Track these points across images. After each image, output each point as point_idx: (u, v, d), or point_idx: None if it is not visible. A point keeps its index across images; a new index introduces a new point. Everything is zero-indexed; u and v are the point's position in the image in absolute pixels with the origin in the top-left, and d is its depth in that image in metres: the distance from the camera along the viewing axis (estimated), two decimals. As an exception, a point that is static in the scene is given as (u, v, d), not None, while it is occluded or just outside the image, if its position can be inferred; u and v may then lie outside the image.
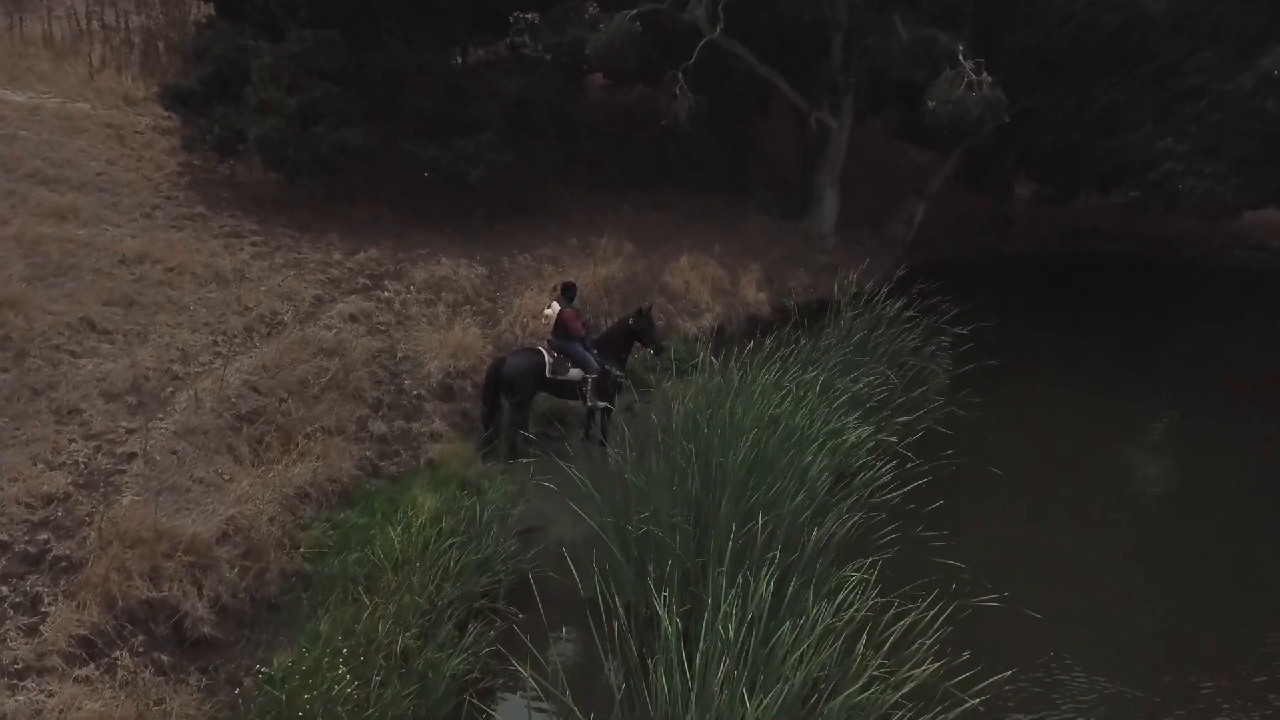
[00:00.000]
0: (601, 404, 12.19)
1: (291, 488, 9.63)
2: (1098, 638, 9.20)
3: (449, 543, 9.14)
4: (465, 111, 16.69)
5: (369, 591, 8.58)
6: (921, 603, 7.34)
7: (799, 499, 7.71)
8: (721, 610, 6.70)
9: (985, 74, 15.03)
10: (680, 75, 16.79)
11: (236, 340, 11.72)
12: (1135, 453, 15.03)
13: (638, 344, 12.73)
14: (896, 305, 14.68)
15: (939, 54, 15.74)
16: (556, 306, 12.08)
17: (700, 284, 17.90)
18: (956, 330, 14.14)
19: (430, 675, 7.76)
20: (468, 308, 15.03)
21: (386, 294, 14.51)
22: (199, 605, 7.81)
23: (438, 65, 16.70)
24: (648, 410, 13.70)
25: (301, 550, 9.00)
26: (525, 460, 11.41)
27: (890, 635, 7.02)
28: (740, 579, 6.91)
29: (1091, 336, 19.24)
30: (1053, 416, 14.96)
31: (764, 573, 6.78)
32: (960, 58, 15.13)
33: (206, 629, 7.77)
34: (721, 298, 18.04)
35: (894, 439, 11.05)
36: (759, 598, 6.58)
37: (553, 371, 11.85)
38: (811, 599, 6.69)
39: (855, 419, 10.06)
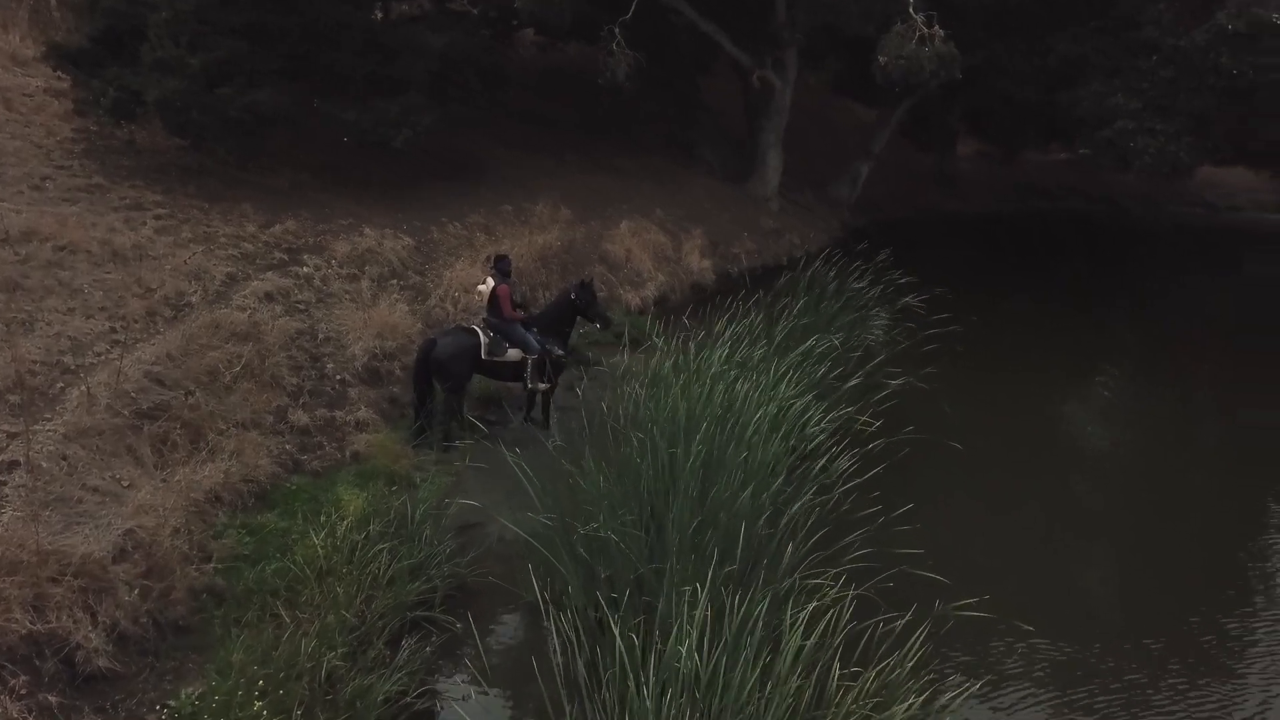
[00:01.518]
0: (543, 385, 11.42)
1: (201, 491, 8.71)
2: (1056, 604, 8.98)
3: (379, 547, 8.32)
4: (388, 70, 15.59)
5: (290, 606, 7.74)
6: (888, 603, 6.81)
7: (758, 498, 7.05)
8: (677, 627, 6.04)
9: (937, 27, 14.39)
10: (617, 31, 15.85)
11: (137, 326, 10.64)
12: (1086, 417, 14.86)
13: (580, 319, 11.93)
14: (847, 274, 14.10)
15: (890, 7, 15.04)
16: (490, 282, 11.21)
17: (642, 252, 17.17)
18: (908, 301, 13.61)
19: (360, 702, 6.99)
20: (394, 282, 14.10)
21: (306, 269, 13.48)
22: (93, 635, 6.91)
23: (357, 20, 15.50)
24: (591, 389, 13.02)
25: (213, 563, 8.11)
26: (460, 449, 10.66)
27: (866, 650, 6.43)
28: (695, 590, 6.24)
29: (1040, 296, 19.04)
30: (1005, 381, 14.67)
31: (721, 584, 6.11)
32: (911, 11, 14.46)
33: (102, 662, 6.88)
34: (664, 266, 17.35)
35: (850, 410, 10.52)
36: (718, 611, 5.94)
37: (489, 353, 11.03)
38: (785, 613, 6.05)
39: (811, 398, 9.41)
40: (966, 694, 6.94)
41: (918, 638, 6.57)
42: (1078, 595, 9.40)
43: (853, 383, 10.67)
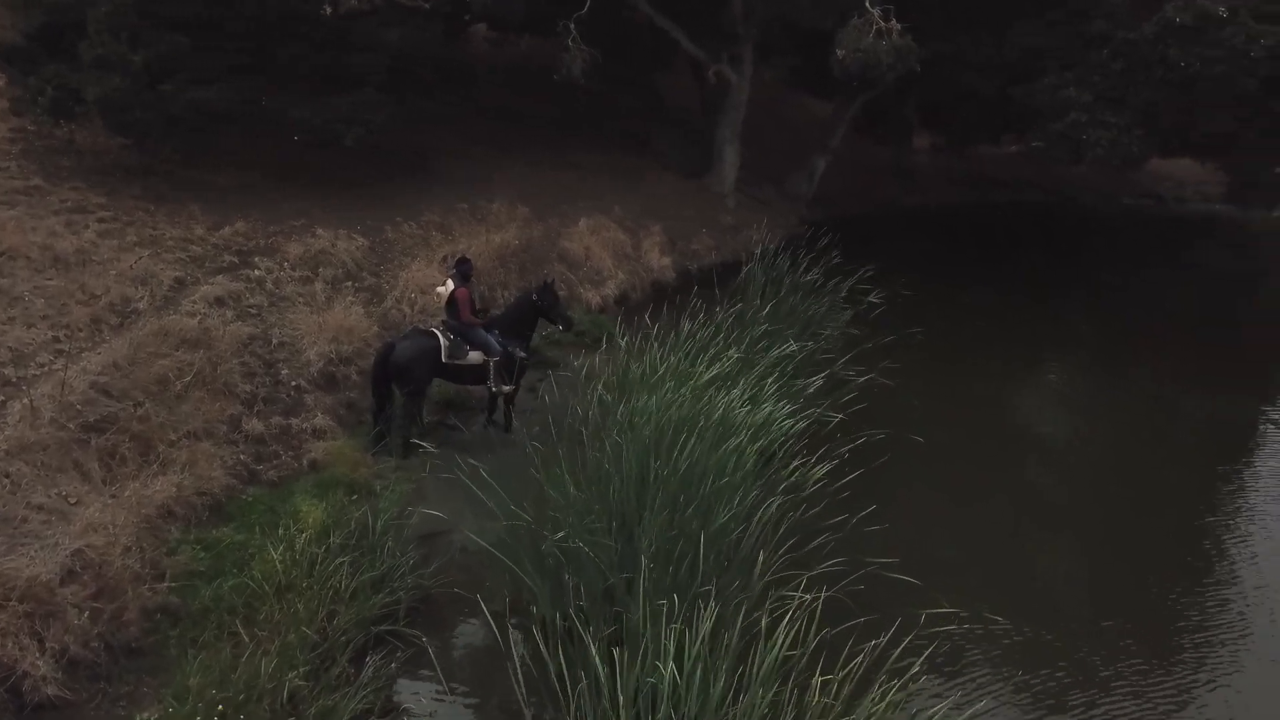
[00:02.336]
0: (506, 388, 11.21)
1: (152, 506, 8.41)
2: (1021, 594, 9.13)
3: (339, 560, 8.09)
4: (339, 66, 15.21)
5: (249, 624, 7.51)
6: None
7: (729, 505, 6.95)
8: (650, 640, 5.92)
9: (894, 21, 14.38)
10: (572, 27, 15.63)
11: (81, 335, 10.26)
12: (1046, 408, 15.00)
13: (542, 320, 11.73)
14: (806, 271, 14.06)
15: (846, 1, 15.01)
16: (450, 284, 10.97)
17: (601, 249, 16.99)
18: (870, 299, 13.60)
19: (323, 724, 6.79)
20: (349, 284, 13.78)
21: (257, 272, 13.12)
22: (41, 663, 6.64)
23: (306, 13, 15.09)
24: (554, 389, 12.84)
25: (167, 581, 7.82)
26: (421, 454, 10.43)
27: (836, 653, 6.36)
28: (667, 601, 6.12)
29: (998, 289, 19.19)
30: (966, 374, 14.76)
31: (697, 599, 6.00)
32: (868, 4, 14.43)
33: (52, 690, 6.62)
34: (624, 264, 17.18)
35: (817, 409, 10.48)
36: (692, 630, 5.82)
37: (449, 356, 10.79)
38: (760, 622, 5.95)
39: (776, 398, 9.33)
40: (933, 693, 6.95)
41: (885, 638, 6.56)
42: (1041, 584, 9.49)
43: (817, 383, 10.62)
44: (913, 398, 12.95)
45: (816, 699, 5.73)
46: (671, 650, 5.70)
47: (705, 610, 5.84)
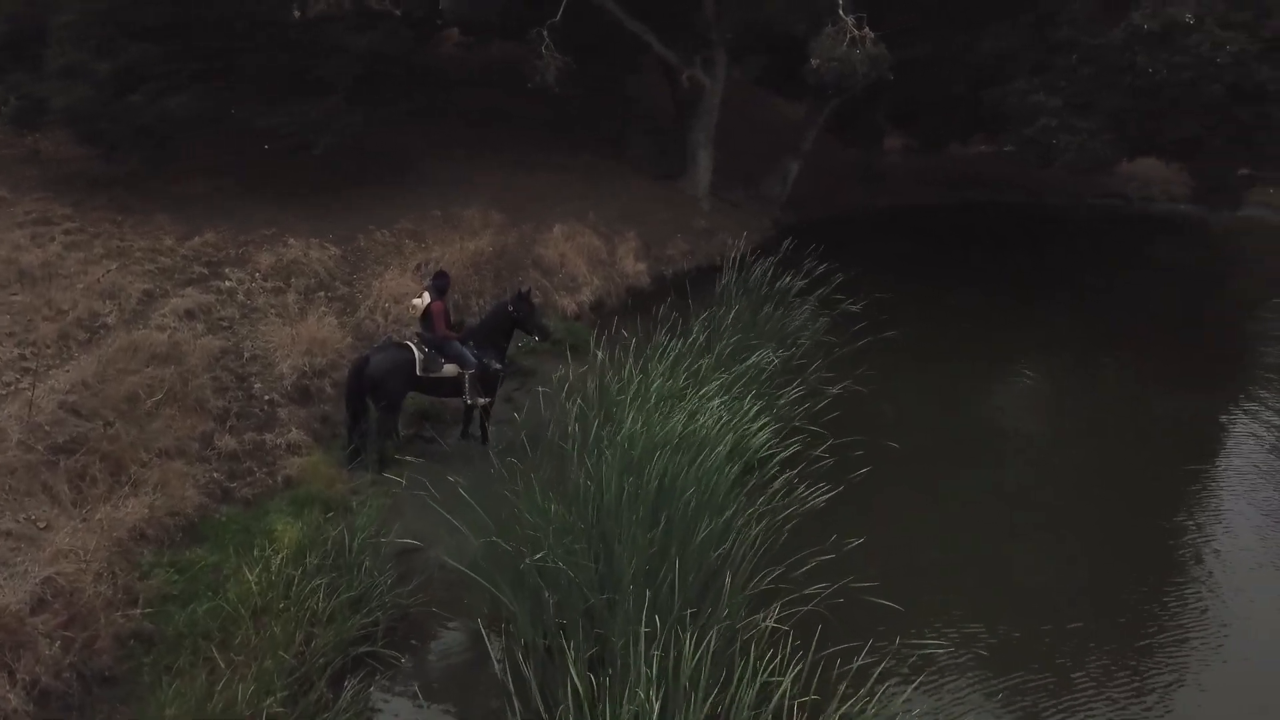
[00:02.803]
0: (482, 401, 11.15)
1: (124, 529, 8.28)
2: (994, 594, 9.28)
3: (316, 582, 8.00)
4: (310, 73, 15.04)
5: (224, 649, 7.42)
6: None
7: (711, 525, 6.94)
8: (632, 664, 5.91)
9: (867, 29, 14.43)
10: (545, 34, 15.55)
11: (49, 352, 10.11)
12: (1024, 410, 15.13)
13: (518, 330, 11.66)
14: (781, 275, 14.03)
15: (819, 6, 15.02)
16: (426, 297, 10.89)
17: (576, 256, 16.91)
18: (845, 306, 13.61)
19: (302, 752, 6.72)
20: (322, 294, 13.67)
21: (228, 283, 12.99)
22: (11, 695, 6.52)
23: (275, 20, 14.90)
24: (530, 401, 12.78)
25: (140, 606, 7.70)
26: (397, 468, 10.35)
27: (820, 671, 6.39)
28: (648, 623, 6.11)
29: (975, 289, 19.28)
30: (943, 378, 14.80)
31: (675, 621, 5.99)
32: (841, 12, 14.47)
33: (22, 722, 6.49)
34: (599, 270, 17.11)
35: (797, 420, 10.50)
36: (676, 657, 5.81)
37: (424, 369, 10.70)
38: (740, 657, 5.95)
39: (758, 415, 9.33)
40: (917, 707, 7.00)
41: (862, 654, 6.61)
42: (1015, 588, 9.55)
43: (795, 393, 10.64)
44: (888, 403, 12.99)
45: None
46: (654, 677, 5.68)
47: (687, 636, 5.82)
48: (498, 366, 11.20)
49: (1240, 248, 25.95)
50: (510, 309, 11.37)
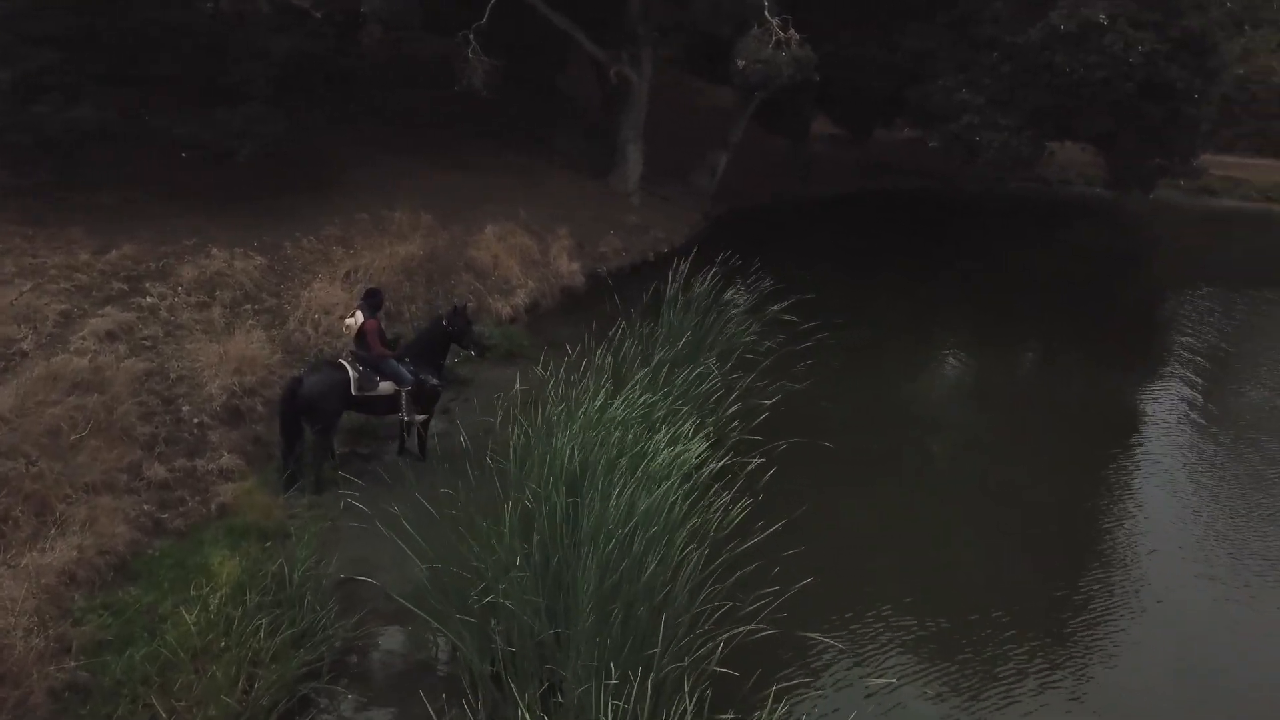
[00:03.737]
0: (419, 418, 11.02)
1: (53, 574, 8.01)
2: (922, 581, 9.71)
3: (258, 621, 7.84)
4: (227, 77, 14.57)
5: (164, 694, 7.25)
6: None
7: (657, 550, 7.00)
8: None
9: (793, 31, 14.52)
10: (472, 37, 15.30)
11: (-39, 386, 9.69)
12: (952, 396, 15.56)
13: (455, 346, 11.53)
14: (710, 277, 14.06)
15: (745, 8, 15.06)
16: (360, 316, 10.70)
17: (509, 257, 16.79)
18: (775, 309, 13.73)
19: (251, 801, 6.62)
20: (248, 306, 13.32)
21: (150, 299, 12.57)
22: (-59, 763, 6.29)
23: (189, 24, 14.39)
24: (467, 412, 12.68)
25: (74, 655, 7.47)
26: (336, 491, 10.20)
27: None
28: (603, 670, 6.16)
29: (896, 279, 19.68)
30: (873, 375, 15.12)
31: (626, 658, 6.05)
32: (766, 14, 14.53)
33: (-46, 789, 6.28)
34: (533, 270, 17.01)
35: (734, 428, 10.62)
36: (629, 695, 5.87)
37: (359, 388, 10.53)
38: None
39: (695, 426, 9.39)
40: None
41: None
42: (942, 576, 9.95)
43: (734, 402, 10.76)
44: (825, 402, 13.25)
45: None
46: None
47: (638, 679, 5.88)
48: (435, 382, 11.07)
49: (1154, 233, 26.97)
50: (446, 325, 11.24)
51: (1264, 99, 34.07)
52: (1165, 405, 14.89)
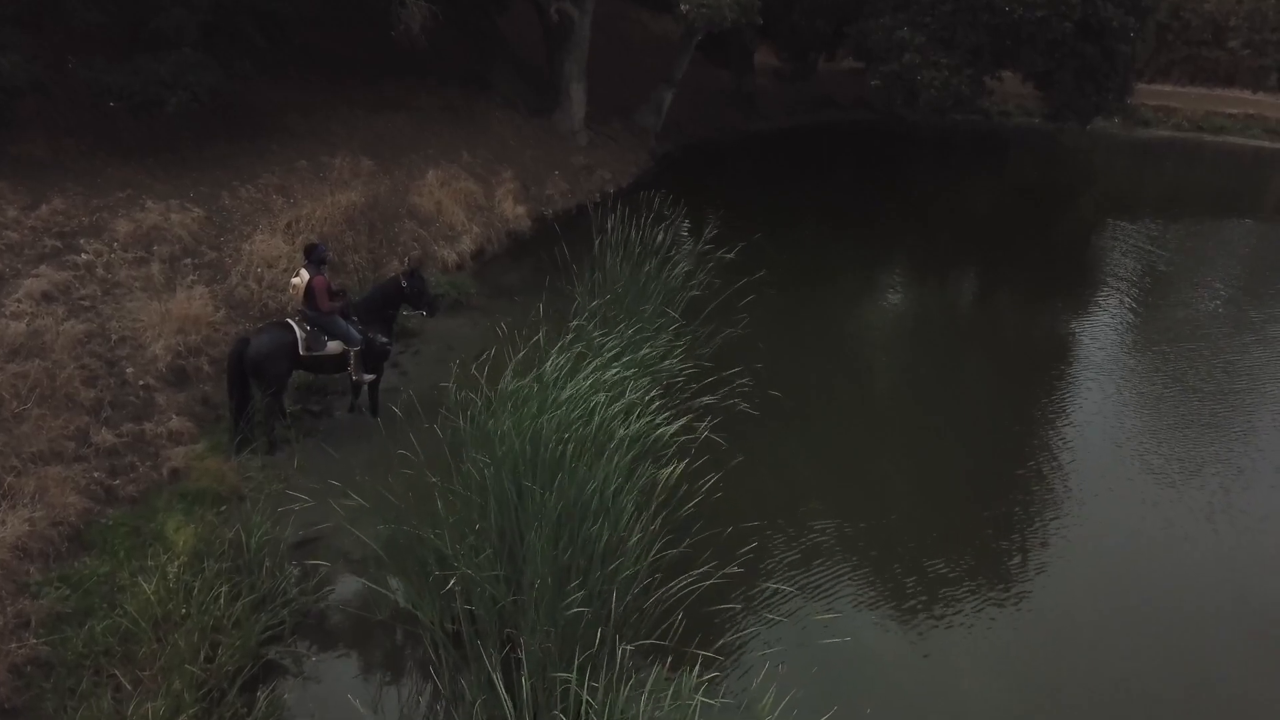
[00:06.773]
0: (368, 377, 11.03)
1: (6, 548, 8.01)
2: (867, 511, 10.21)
3: (218, 590, 7.95)
4: (154, 23, 14.02)
5: (128, 665, 7.38)
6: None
7: (614, 511, 7.22)
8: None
9: (736, -28, 14.39)
10: (408, -20, 14.91)
11: (-105, 357, 9.48)
12: (889, 334, 15.91)
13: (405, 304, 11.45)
14: (655, 213, 14.04)
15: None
16: (305, 274, 10.58)
17: (453, 203, 16.61)
18: (723, 253, 13.83)
19: (221, 768, 6.81)
20: (188, 261, 13.05)
21: (85, 256, 12.24)
22: (-93, 744, 6.37)
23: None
24: (418, 364, 12.70)
25: (34, 630, 7.52)
26: (288, 450, 10.27)
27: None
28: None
29: (839, 214, 19.87)
30: (816, 311, 15.37)
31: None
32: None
33: (-77, 769, 6.37)
34: (478, 216, 16.87)
35: (683, 375, 10.79)
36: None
37: (307, 348, 10.48)
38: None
39: (648, 383, 9.57)
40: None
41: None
42: (885, 503, 10.48)
43: (679, 351, 10.93)
44: (763, 344, 13.42)
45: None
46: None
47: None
48: (385, 341, 11.06)
49: (1090, 164, 27.47)
50: (404, 285, 11.14)
51: (1197, 26, 34.53)
52: (1099, 328, 15.57)
